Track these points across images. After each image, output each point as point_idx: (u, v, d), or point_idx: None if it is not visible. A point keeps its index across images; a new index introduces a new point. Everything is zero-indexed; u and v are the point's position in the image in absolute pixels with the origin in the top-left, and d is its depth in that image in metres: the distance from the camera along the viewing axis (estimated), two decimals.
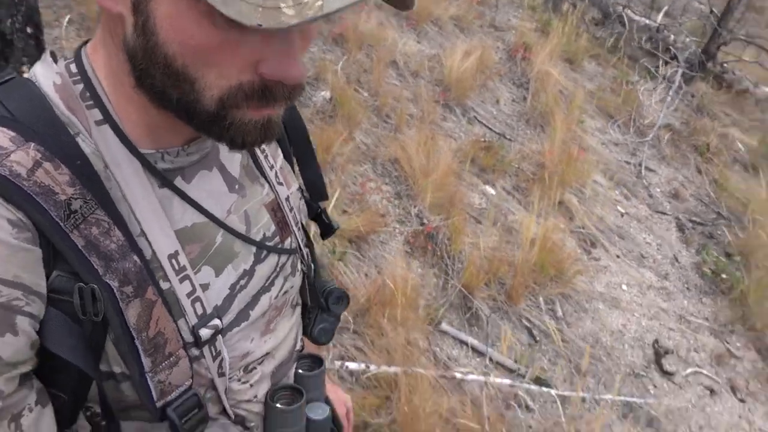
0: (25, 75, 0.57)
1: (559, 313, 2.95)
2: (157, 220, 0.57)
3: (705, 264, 3.66)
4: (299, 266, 0.76)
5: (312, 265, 0.78)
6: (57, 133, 0.52)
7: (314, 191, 0.81)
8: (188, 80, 0.50)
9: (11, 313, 0.48)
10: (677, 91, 5.14)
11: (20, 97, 0.53)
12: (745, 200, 4.26)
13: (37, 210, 0.49)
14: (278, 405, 0.70)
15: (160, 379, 0.56)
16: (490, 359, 2.55)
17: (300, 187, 0.79)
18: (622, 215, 3.85)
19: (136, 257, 0.54)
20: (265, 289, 0.68)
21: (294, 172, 0.79)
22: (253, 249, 0.66)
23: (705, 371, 3.06)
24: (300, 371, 0.78)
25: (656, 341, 3.08)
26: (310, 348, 0.88)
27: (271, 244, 0.68)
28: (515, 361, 2.59)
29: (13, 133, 0.50)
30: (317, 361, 0.80)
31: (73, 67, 0.56)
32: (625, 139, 4.55)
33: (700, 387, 2.99)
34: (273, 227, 0.69)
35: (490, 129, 3.81)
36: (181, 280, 0.58)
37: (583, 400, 2.61)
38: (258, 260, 0.66)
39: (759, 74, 5.92)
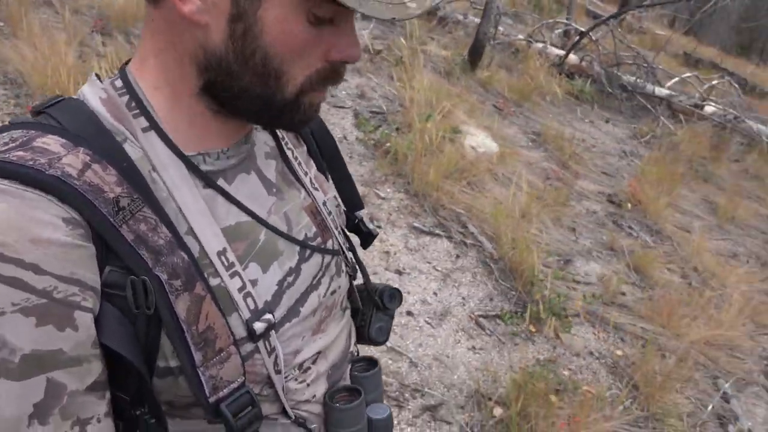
0: (74, 96, 0.60)
1: None
2: (204, 218, 0.59)
3: (366, 136, 4.04)
4: (344, 268, 0.78)
5: (357, 268, 0.82)
6: (104, 139, 0.55)
7: (349, 201, 0.84)
8: (278, 75, 0.57)
9: (70, 308, 0.49)
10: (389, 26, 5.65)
11: (70, 112, 0.56)
12: (427, 94, 4.76)
13: (88, 207, 0.50)
14: (337, 404, 0.71)
15: (211, 374, 0.56)
16: None
17: (335, 197, 0.82)
18: None
19: (183, 254, 0.55)
20: (312, 287, 0.69)
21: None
22: (297, 248, 0.68)
23: None
24: (356, 373, 0.79)
25: None
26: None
27: (314, 244, 0.70)
28: None
29: (63, 140, 0.53)
30: (372, 363, 0.81)
31: (118, 83, 0.60)
32: None
33: None
34: (314, 228, 0.72)
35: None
36: (231, 276, 0.59)
37: None
38: (303, 259, 0.68)
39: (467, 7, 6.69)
